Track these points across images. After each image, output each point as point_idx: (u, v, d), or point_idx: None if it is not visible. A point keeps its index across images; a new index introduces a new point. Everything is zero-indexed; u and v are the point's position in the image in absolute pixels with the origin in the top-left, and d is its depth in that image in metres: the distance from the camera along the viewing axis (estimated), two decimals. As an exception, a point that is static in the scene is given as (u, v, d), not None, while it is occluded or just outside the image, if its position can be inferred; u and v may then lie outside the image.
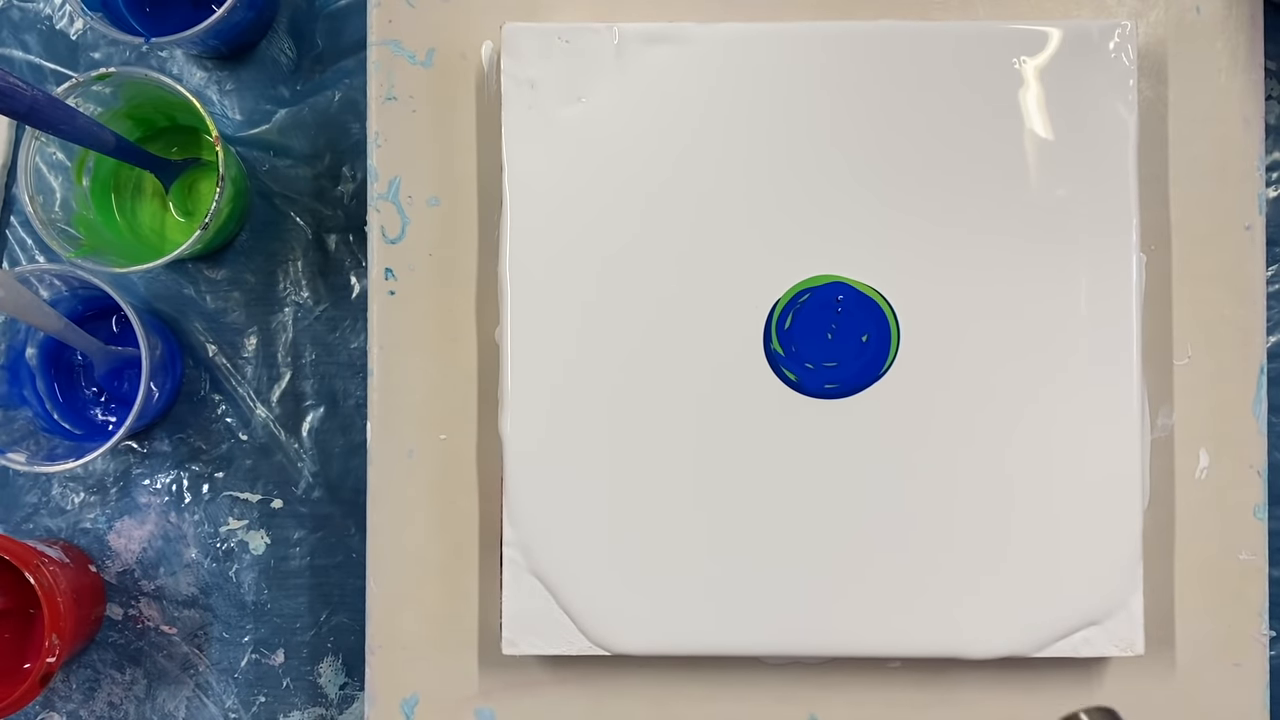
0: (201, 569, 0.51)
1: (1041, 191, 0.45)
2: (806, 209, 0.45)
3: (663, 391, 0.45)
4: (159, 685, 0.51)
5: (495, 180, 0.47)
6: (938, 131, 0.45)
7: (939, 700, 0.47)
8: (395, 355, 0.48)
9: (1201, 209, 0.47)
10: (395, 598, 0.47)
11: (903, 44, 0.45)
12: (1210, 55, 0.48)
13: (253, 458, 0.51)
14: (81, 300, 0.49)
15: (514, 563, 0.45)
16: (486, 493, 0.48)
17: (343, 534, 0.51)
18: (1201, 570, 0.47)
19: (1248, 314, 0.47)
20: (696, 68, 0.45)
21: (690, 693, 0.47)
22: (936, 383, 0.45)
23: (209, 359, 0.52)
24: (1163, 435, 0.47)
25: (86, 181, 0.49)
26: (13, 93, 0.40)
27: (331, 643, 0.51)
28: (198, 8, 0.50)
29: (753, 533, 0.45)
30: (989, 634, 0.44)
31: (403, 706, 0.47)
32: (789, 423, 0.45)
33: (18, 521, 0.52)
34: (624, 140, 0.45)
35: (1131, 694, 0.47)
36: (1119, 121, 0.45)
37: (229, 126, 0.52)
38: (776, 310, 0.45)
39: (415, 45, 0.48)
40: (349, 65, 0.52)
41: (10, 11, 0.53)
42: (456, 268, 0.48)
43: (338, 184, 0.52)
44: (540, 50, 0.46)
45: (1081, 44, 0.45)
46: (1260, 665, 0.47)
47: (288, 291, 0.52)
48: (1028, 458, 0.45)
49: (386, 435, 0.48)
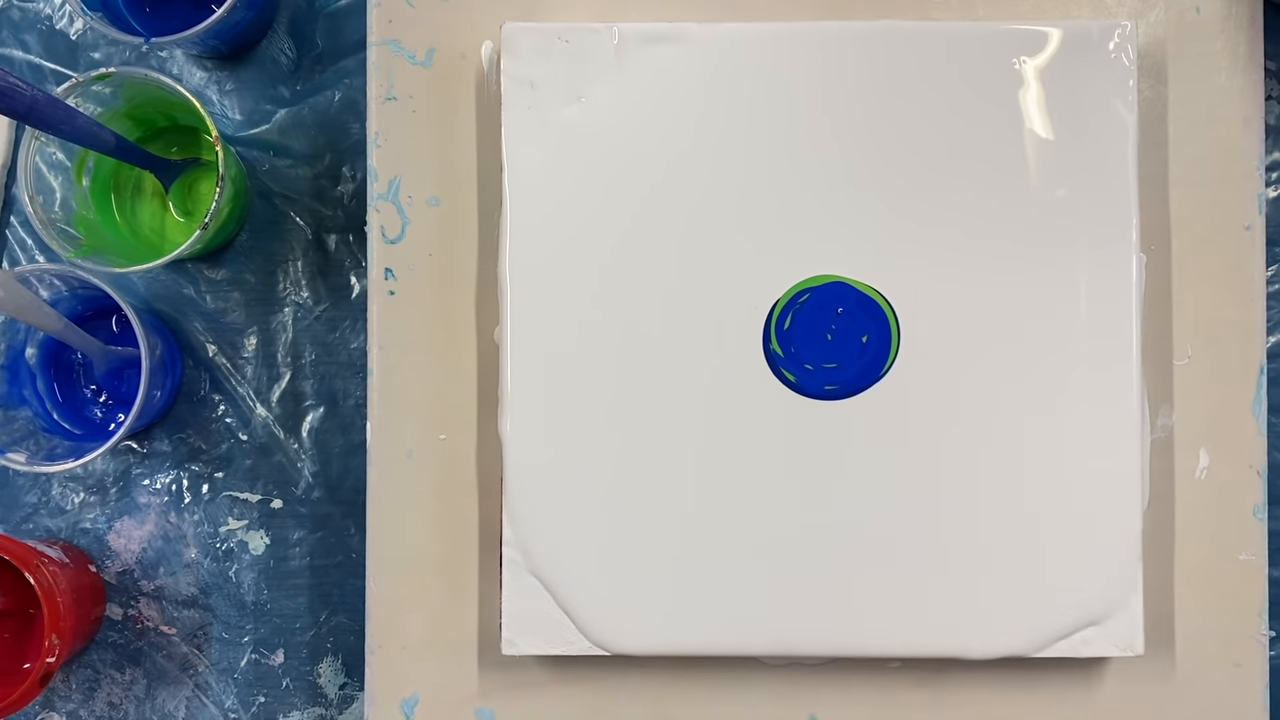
0: (201, 569, 0.51)
1: (1041, 191, 0.45)
2: (806, 209, 0.45)
3: (662, 392, 0.45)
4: (159, 685, 0.51)
5: (495, 180, 0.47)
6: (938, 131, 0.45)
7: (939, 700, 0.47)
8: (395, 355, 0.48)
9: (1201, 209, 0.47)
10: (395, 598, 0.47)
11: (903, 44, 0.45)
12: (1210, 55, 0.48)
13: (253, 458, 0.52)
14: (81, 300, 0.49)
15: (514, 563, 0.45)
16: (486, 493, 0.48)
17: (343, 534, 0.51)
18: (1201, 570, 0.47)
19: (1248, 314, 0.47)
20: (696, 68, 0.45)
21: (690, 693, 0.47)
22: (936, 384, 0.45)
23: (209, 359, 0.52)
24: (1163, 435, 0.47)
25: (86, 181, 0.49)
26: (13, 93, 0.40)
27: (331, 643, 0.51)
28: (198, 8, 0.50)
29: (752, 533, 0.45)
30: (989, 634, 0.44)
31: (403, 706, 0.47)
32: (789, 424, 0.45)
33: (18, 521, 0.52)
34: (624, 140, 0.45)
35: (1131, 694, 0.47)
36: (1119, 121, 0.45)
37: (229, 126, 0.52)
38: (776, 310, 0.45)
39: (415, 45, 0.48)
40: (349, 65, 0.52)
41: (10, 11, 0.53)
42: (456, 268, 0.48)
43: (338, 184, 0.52)
44: (540, 50, 0.46)
45: (1081, 44, 0.45)
46: (1260, 665, 0.47)
47: (288, 291, 0.52)
48: (1027, 458, 0.45)
49: (386, 435, 0.48)
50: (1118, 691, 0.47)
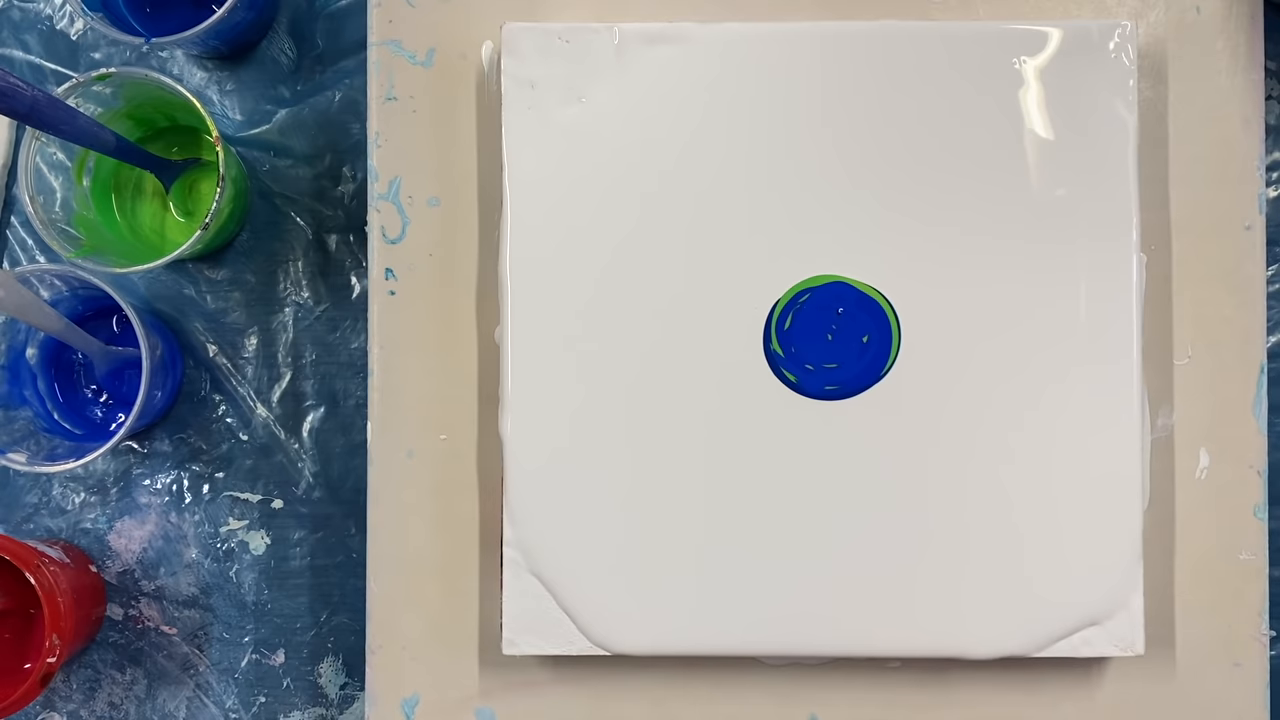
0: (202, 569, 0.51)
1: (1041, 191, 0.45)
2: (806, 208, 0.45)
3: (663, 392, 0.45)
4: (159, 685, 0.51)
5: (495, 180, 0.47)
6: (938, 131, 0.45)
7: (939, 700, 0.47)
8: (395, 355, 0.48)
9: (1201, 209, 0.47)
10: (395, 598, 0.47)
11: (903, 44, 0.45)
12: (1210, 55, 0.48)
13: (253, 458, 0.52)
14: (81, 300, 0.49)
15: (514, 563, 0.45)
16: (486, 493, 0.48)
17: (343, 534, 0.51)
18: (1201, 570, 0.47)
19: (1248, 314, 0.47)
20: (696, 68, 0.45)
21: (690, 693, 0.47)
22: (937, 384, 0.45)
23: (209, 359, 0.52)
24: (1163, 435, 0.47)
25: (86, 181, 0.49)
26: (13, 93, 0.40)
27: (332, 643, 0.51)
28: (198, 8, 0.50)
29: (752, 533, 0.45)
30: (989, 634, 0.44)
31: (403, 706, 0.47)
32: (789, 424, 0.45)
33: (18, 521, 0.52)
34: (624, 140, 0.45)
35: (1131, 694, 0.47)
36: (1119, 121, 0.45)
37: (229, 126, 0.52)
38: (776, 310, 0.45)
39: (415, 45, 0.48)
40: (349, 65, 0.52)
41: (10, 11, 0.53)
42: (456, 268, 0.48)
43: (338, 184, 0.52)
44: (540, 50, 0.46)
45: (1081, 44, 0.45)
46: (1260, 665, 0.47)
47: (288, 291, 0.52)
48: (1028, 458, 0.45)
49: (386, 435, 0.48)
50: (1118, 691, 0.47)
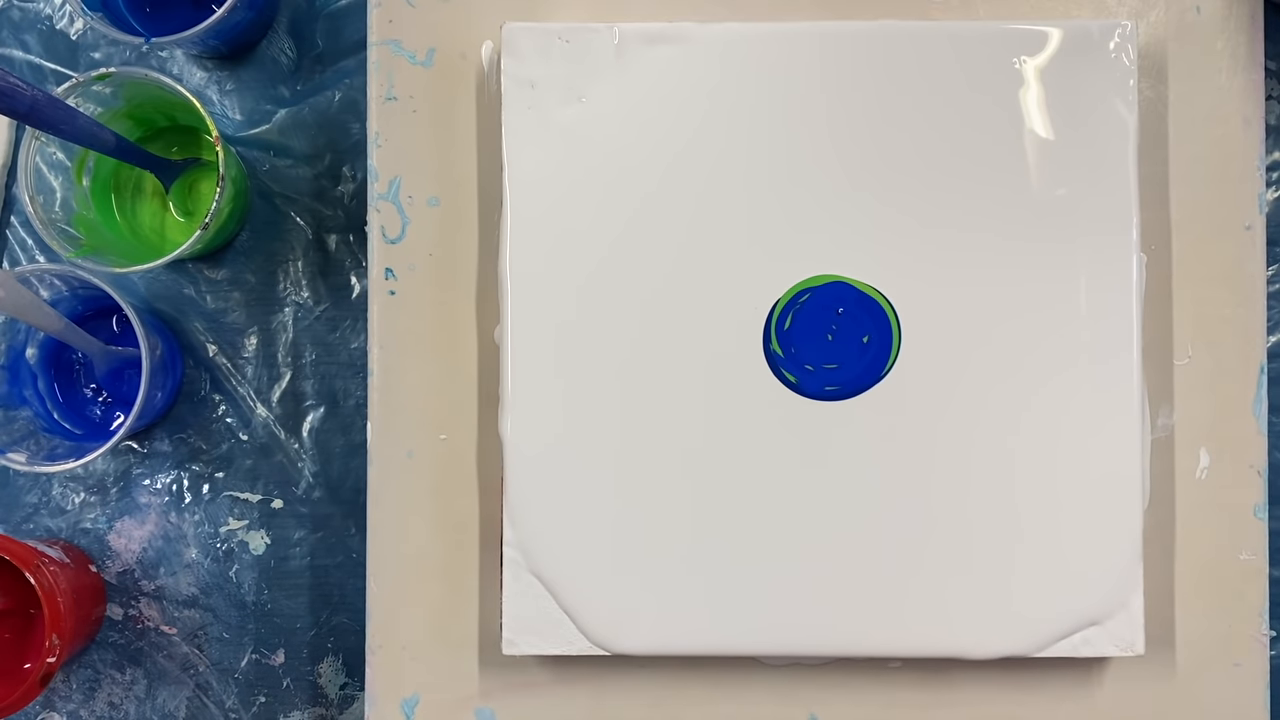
0: (201, 569, 0.51)
1: (1041, 191, 0.45)
2: (806, 208, 0.45)
3: (662, 392, 0.45)
4: (159, 685, 0.51)
5: (495, 180, 0.47)
6: (938, 131, 0.45)
7: (939, 700, 0.47)
8: (395, 355, 0.48)
9: (1201, 209, 0.47)
10: (395, 598, 0.47)
11: (903, 44, 0.45)
12: (1210, 55, 0.48)
13: (253, 458, 0.52)
14: (81, 300, 0.49)
15: (514, 563, 0.45)
16: (486, 493, 0.48)
17: (343, 534, 0.51)
18: (1201, 570, 0.47)
19: (1248, 314, 0.47)
20: (696, 68, 0.45)
21: (690, 693, 0.47)
22: (938, 384, 0.45)
23: (209, 359, 0.52)
24: (1163, 435, 0.47)
25: (86, 181, 0.49)
26: (13, 93, 0.40)
27: (331, 643, 0.51)
28: (198, 8, 0.50)
29: (753, 534, 0.45)
30: (989, 634, 0.44)
31: (403, 706, 0.47)
32: (789, 424, 0.45)
33: (18, 521, 0.52)
34: (624, 140, 0.45)
35: (1131, 694, 0.47)
36: (1119, 121, 0.45)
37: (229, 126, 0.52)
38: (776, 310, 0.45)
39: (415, 45, 0.48)
40: (349, 65, 0.52)
41: (10, 11, 0.53)
42: (456, 268, 0.48)
43: (338, 184, 0.52)
44: (540, 50, 0.46)
45: (1081, 44, 0.45)
46: (1260, 665, 0.47)
47: (288, 291, 0.52)
48: (1028, 458, 0.45)
49: (386, 435, 0.48)
50: (1118, 691, 0.47)
